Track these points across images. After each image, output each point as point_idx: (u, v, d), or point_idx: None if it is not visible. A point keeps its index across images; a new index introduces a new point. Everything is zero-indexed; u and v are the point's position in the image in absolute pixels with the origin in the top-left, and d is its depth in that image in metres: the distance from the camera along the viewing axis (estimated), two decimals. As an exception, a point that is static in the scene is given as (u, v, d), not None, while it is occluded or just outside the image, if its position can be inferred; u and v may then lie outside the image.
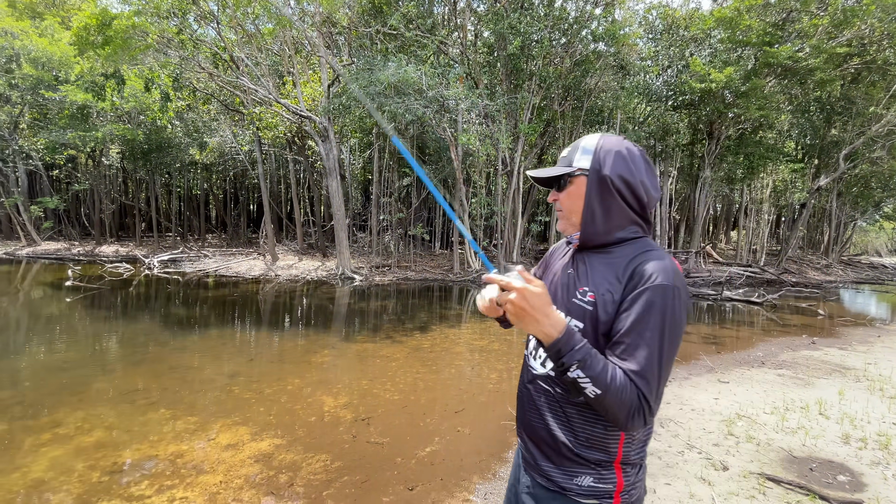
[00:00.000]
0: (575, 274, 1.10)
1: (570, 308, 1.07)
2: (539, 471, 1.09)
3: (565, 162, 1.11)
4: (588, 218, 1.07)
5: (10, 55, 17.46)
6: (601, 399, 0.90)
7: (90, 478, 2.91)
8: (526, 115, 13.82)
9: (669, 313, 0.94)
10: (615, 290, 1.00)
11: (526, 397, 1.14)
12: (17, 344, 6.17)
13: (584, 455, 1.03)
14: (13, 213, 19.79)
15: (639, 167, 1.05)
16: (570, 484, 1.04)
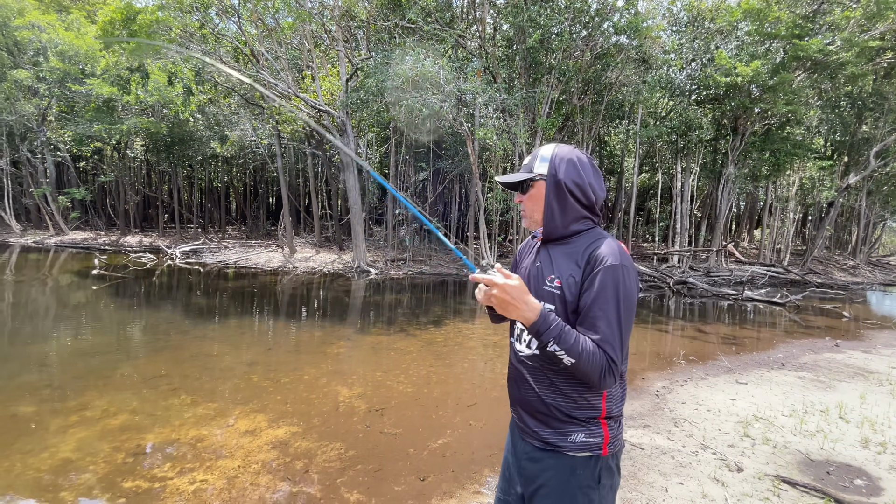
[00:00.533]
0: (541, 265, 1.29)
1: (541, 294, 1.24)
2: (536, 436, 1.26)
3: (527, 169, 1.31)
4: (548, 215, 1.27)
5: (38, 48, 17.97)
6: (576, 365, 1.09)
7: (115, 459, 3.03)
8: (544, 109, 13.68)
9: (622, 287, 1.14)
10: (576, 273, 1.20)
11: (517, 375, 1.32)
12: (46, 329, 6.42)
13: (574, 415, 1.21)
14: (42, 203, 20.47)
15: (587, 172, 1.26)
16: (565, 442, 1.21)
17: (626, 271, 1.15)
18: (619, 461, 1.26)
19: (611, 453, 1.22)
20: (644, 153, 20.76)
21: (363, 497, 2.70)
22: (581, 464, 1.20)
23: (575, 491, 1.19)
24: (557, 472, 1.21)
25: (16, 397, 3.95)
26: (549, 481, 1.21)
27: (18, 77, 17.34)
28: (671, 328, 7.96)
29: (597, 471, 1.20)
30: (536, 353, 1.24)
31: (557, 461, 1.21)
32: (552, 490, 1.21)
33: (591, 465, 1.20)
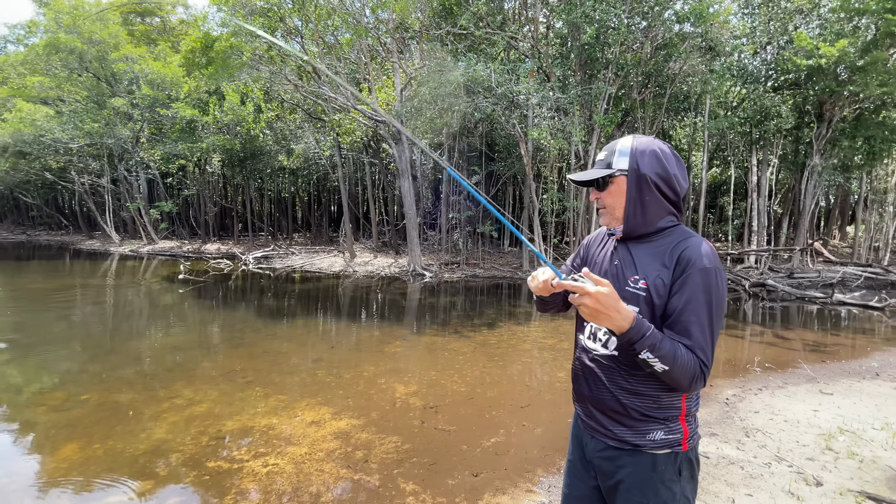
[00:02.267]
0: (622, 264, 1.24)
1: (623, 296, 1.17)
2: (610, 434, 1.23)
3: (603, 164, 1.25)
4: (631, 212, 1.22)
5: (131, 78, 20.26)
6: (668, 372, 1.07)
7: (200, 441, 3.38)
8: (601, 105, 13.26)
9: (715, 291, 1.11)
10: (664, 275, 1.15)
11: (588, 374, 1.28)
12: (141, 327, 7.24)
13: (653, 415, 1.18)
14: (136, 216, 22.97)
15: (671, 163, 1.20)
16: (644, 440, 1.19)
17: (719, 274, 1.12)
18: (697, 453, 1.25)
19: (691, 447, 1.20)
20: (714, 146, 19.46)
21: (418, 488, 2.81)
22: (662, 460, 1.18)
23: (657, 485, 1.18)
24: (637, 468, 1.19)
25: (117, 387, 4.51)
26: (629, 477, 1.20)
27: (116, 104, 19.66)
28: (746, 333, 7.40)
29: (677, 465, 1.19)
30: (614, 353, 1.21)
31: (636, 458, 1.20)
32: (633, 485, 1.20)
33: (671, 460, 1.19)
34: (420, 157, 18.23)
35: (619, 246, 1.28)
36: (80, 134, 20.42)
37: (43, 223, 35.62)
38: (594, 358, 1.27)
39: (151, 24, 26.31)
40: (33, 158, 23.72)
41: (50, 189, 29.65)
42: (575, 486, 1.37)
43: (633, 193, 1.20)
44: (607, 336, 1.23)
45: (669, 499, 1.18)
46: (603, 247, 1.35)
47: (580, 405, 1.34)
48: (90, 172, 23.58)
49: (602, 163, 1.25)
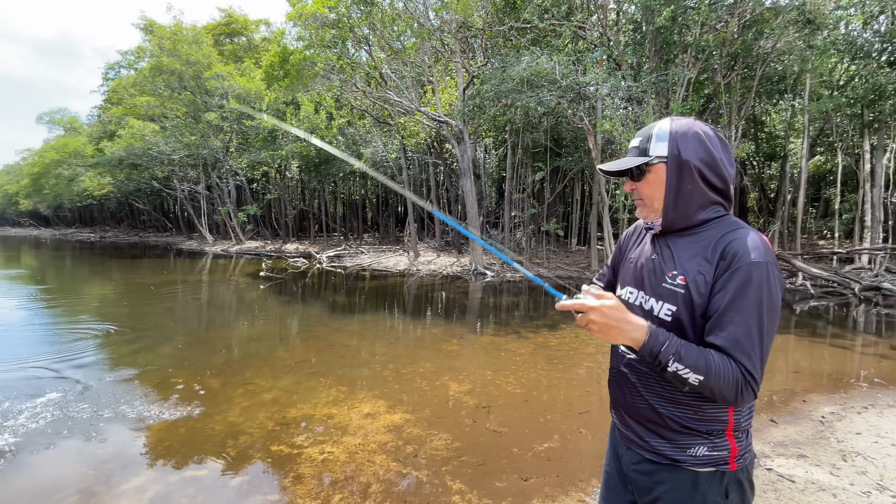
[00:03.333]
0: (660, 259, 1.13)
1: (660, 293, 1.09)
2: (647, 447, 1.13)
3: (638, 151, 1.12)
4: (671, 203, 1.09)
5: (222, 93, 22.36)
6: (705, 383, 0.95)
7: (267, 426, 3.63)
8: (680, 92, 12.29)
9: (766, 289, 0.97)
10: (706, 271, 1.03)
11: (622, 381, 1.19)
12: (227, 320, 7.95)
13: (694, 427, 1.06)
14: (226, 219, 25.34)
15: (716, 147, 1.07)
16: (684, 455, 1.07)
17: (771, 270, 0.98)
18: (751, 475, 1.10)
19: (740, 467, 1.07)
20: (816, 131, 17.28)
21: (465, 487, 2.79)
22: (705, 479, 1.06)
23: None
24: (675, 486, 1.08)
25: (202, 372, 4.98)
26: (667, 495, 1.09)
27: (209, 118, 21.82)
28: (854, 344, 6.47)
29: (724, 486, 1.06)
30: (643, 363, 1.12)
31: (675, 475, 1.08)
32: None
33: (716, 479, 1.06)
34: (484, 155, 18.17)
35: (657, 240, 1.16)
36: (181, 146, 22.99)
37: (152, 226, 40.61)
38: (629, 363, 1.16)
39: (238, 42, 28.85)
40: (143, 169, 27.10)
41: (157, 196, 33.70)
42: (611, 499, 1.27)
43: (673, 182, 1.08)
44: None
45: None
46: (639, 242, 1.24)
47: (616, 413, 1.25)
48: (189, 180, 26.46)
49: (637, 149, 1.13)
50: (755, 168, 19.97)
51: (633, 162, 1.11)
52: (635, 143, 1.13)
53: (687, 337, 1.04)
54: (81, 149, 33.37)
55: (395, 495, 2.70)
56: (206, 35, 23.52)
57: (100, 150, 27.75)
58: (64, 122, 43.19)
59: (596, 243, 14.40)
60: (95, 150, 29.64)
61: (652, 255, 1.15)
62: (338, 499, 2.67)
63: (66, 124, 42.94)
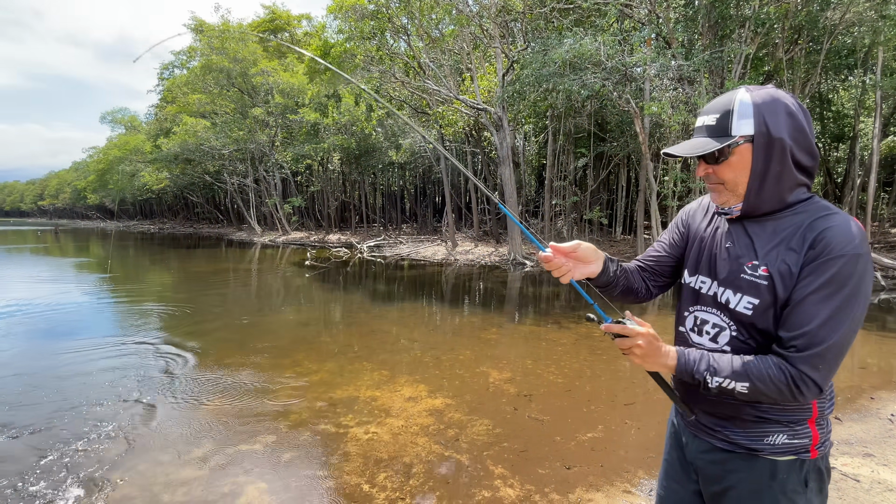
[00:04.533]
0: (736, 247, 1.05)
1: (739, 285, 1.02)
2: (717, 436, 1.08)
3: (717, 130, 1.00)
4: (756, 186, 0.99)
5: (267, 89, 23.13)
6: (754, 389, 0.93)
7: (314, 406, 3.79)
8: (736, 70, 11.54)
9: (857, 282, 0.89)
10: (792, 261, 0.95)
11: None
12: (275, 306, 8.32)
13: (773, 417, 1.01)
14: (273, 210, 26.38)
15: (804, 119, 0.97)
16: (761, 444, 1.02)
17: (866, 263, 0.90)
18: (828, 462, 1.05)
19: (821, 455, 1.02)
20: (890, 109, 15.78)
21: (507, 472, 2.80)
22: (783, 467, 1.01)
23: (777, 496, 1.01)
24: (751, 474, 1.03)
25: (254, 354, 5.25)
26: (741, 484, 1.04)
27: (256, 114, 22.67)
28: (929, 339, 5.93)
29: (803, 474, 1.01)
30: (725, 349, 1.04)
31: (750, 463, 1.03)
32: (746, 494, 1.04)
33: (795, 468, 1.01)
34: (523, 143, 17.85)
35: (732, 226, 1.07)
36: (230, 141, 24.06)
37: (205, 218, 42.92)
38: None
39: (282, 39, 29.67)
40: (196, 164, 28.61)
41: (209, 189, 35.54)
42: (671, 488, 1.23)
43: (761, 165, 0.97)
44: (717, 330, 1.06)
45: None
46: (710, 223, 1.14)
47: (681, 403, 1.18)
48: (238, 174, 27.68)
49: (714, 128, 1.00)
50: (821, 150, 18.51)
51: (714, 144, 0.98)
52: (709, 120, 1.01)
53: (770, 333, 0.98)
54: (141, 146, 35.63)
55: (438, 476, 2.76)
56: (251, 32, 24.34)
57: (157, 146, 29.54)
58: (125, 121, 46.20)
59: (643, 232, 13.88)
60: (153, 147, 31.58)
61: (726, 242, 1.07)
62: (382, 477, 2.76)
63: (126, 123, 45.92)
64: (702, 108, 1.04)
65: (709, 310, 1.08)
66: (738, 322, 1.02)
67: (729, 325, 1.04)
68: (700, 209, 1.20)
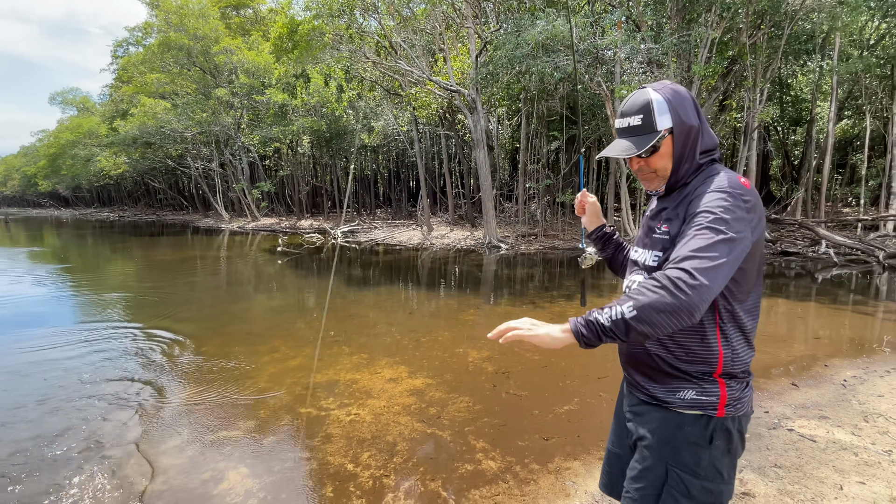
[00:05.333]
0: (654, 217, 1.25)
1: (651, 244, 1.21)
2: (642, 390, 1.21)
3: (644, 129, 1.15)
4: (677, 167, 1.17)
5: (231, 69, 22.14)
6: (639, 305, 0.94)
7: (294, 390, 3.77)
8: (702, 53, 11.79)
9: (724, 211, 1.00)
10: (682, 213, 1.12)
11: None
12: (248, 293, 8.14)
13: (684, 369, 1.12)
14: (241, 196, 25.55)
15: (693, 98, 1.19)
16: (673, 398, 1.14)
17: (735, 197, 1.01)
18: (742, 427, 1.13)
19: (729, 416, 1.10)
20: (845, 94, 16.55)
21: (488, 446, 2.88)
22: (690, 421, 1.11)
23: (680, 445, 1.11)
24: (661, 424, 1.15)
25: (229, 342, 5.14)
26: (654, 433, 1.15)
27: (220, 94, 21.71)
28: (876, 311, 6.37)
29: (709, 430, 1.10)
30: None
31: (663, 414, 1.15)
32: (655, 442, 1.14)
33: (701, 423, 1.11)
34: (497, 126, 17.82)
35: (657, 202, 1.27)
36: (192, 123, 23.00)
37: (168, 204, 41.22)
38: None
39: (245, 15, 28.36)
40: (157, 147, 27.30)
41: (171, 174, 34.06)
42: (615, 442, 1.37)
43: (679, 149, 1.15)
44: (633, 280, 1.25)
45: (693, 463, 1.10)
46: (649, 206, 1.35)
47: (623, 365, 1.32)
48: (202, 158, 26.60)
49: (641, 128, 1.16)
50: (779, 134, 19.28)
51: (648, 140, 1.14)
52: (634, 121, 1.17)
53: None
54: (95, 129, 33.64)
55: (421, 453, 2.80)
56: (212, 8, 23.13)
57: (114, 129, 27.96)
58: (76, 102, 43.45)
59: (613, 214, 14.21)
60: (109, 130, 29.90)
61: (651, 215, 1.27)
62: (366, 456, 2.78)
63: (78, 104, 43.21)
64: (620, 111, 1.19)
65: (636, 272, 1.26)
66: (649, 273, 1.17)
67: None
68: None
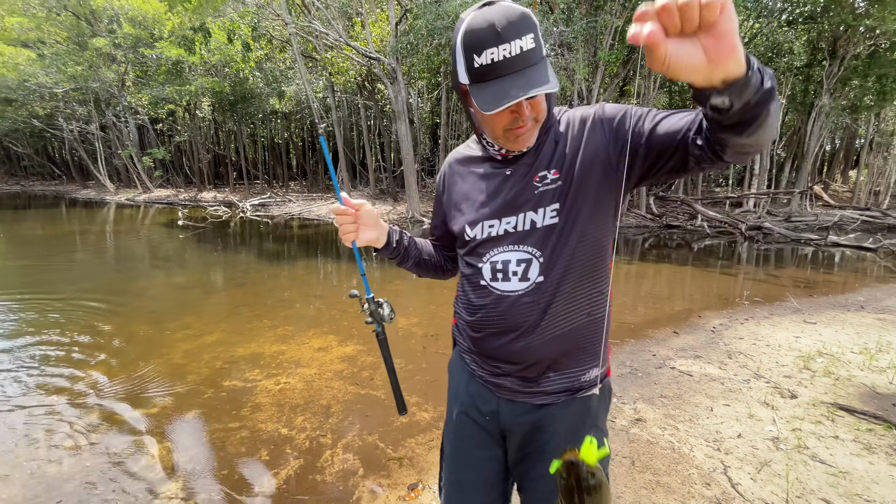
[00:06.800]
0: (517, 173, 0.96)
1: (535, 201, 0.94)
2: (538, 391, 0.99)
3: (537, 55, 0.81)
4: (549, 108, 0.93)
5: (111, 16, 19.14)
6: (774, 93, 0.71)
7: (214, 365, 3.58)
8: (607, 40, 12.68)
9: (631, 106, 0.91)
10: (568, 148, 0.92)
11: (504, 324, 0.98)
12: (147, 269, 7.37)
13: (587, 341, 0.98)
14: (129, 164, 22.57)
15: None
16: (578, 383, 0.99)
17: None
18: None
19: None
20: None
21: (421, 400, 3.03)
22: (594, 401, 1.00)
23: (591, 430, 1.00)
24: (569, 417, 0.99)
25: (129, 320, 4.68)
26: (560, 429, 0.99)
27: (98, 45, 18.71)
28: (738, 272, 7.59)
29: (607, 398, 1.05)
30: (540, 279, 0.94)
31: (569, 409, 0.99)
32: (563, 439, 0.98)
33: (604, 396, 1.03)
34: (416, 99, 17.64)
35: (508, 162, 0.98)
36: (64, 78, 19.61)
37: (35, 173, 35.08)
38: (515, 302, 0.96)
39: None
40: (19, 105, 22.95)
41: (39, 138, 28.95)
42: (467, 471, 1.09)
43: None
44: (524, 264, 0.95)
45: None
46: (474, 171, 1.04)
47: (489, 365, 1.04)
48: (78, 119, 22.89)
49: (535, 53, 0.80)
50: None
51: (549, 71, 0.81)
52: (526, 43, 0.79)
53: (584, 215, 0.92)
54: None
55: (356, 410, 2.87)
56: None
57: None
58: None
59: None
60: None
61: (507, 175, 0.97)
62: (300, 420, 2.78)
63: None
64: (495, 31, 0.78)
65: (507, 248, 0.96)
66: (546, 238, 0.93)
67: (534, 254, 0.94)
68: (457, 164, 1.09)
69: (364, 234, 1.07)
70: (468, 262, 1.05)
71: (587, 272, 0.95)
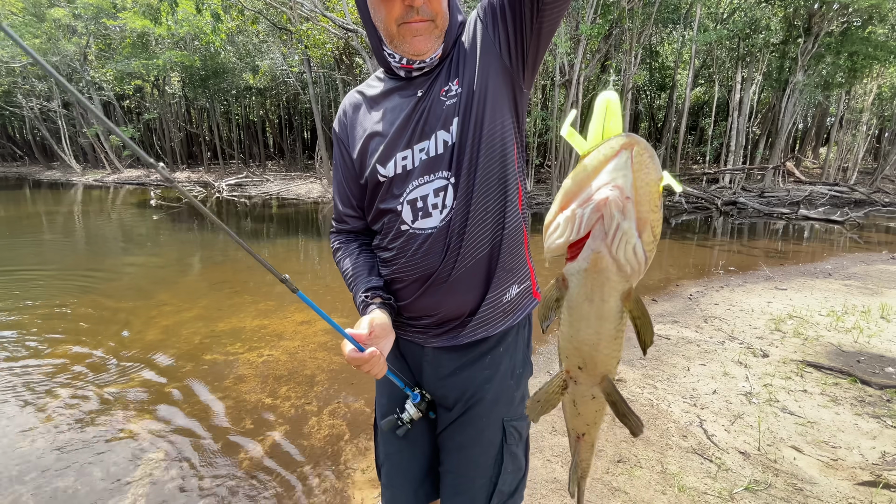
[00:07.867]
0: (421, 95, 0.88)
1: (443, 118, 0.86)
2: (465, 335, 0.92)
3: None
4: (447, 11, 0.85)
5: (72, -16, 17.97)
6: None
7: (194, 340, 3.52)
8: (589, 14, 12.55)
9: None
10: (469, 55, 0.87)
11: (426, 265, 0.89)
12: (121, 248, 7.14)
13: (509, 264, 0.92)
14: (96, 143, 21.59)
15: None
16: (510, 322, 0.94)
17: None
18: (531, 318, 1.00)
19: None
20: (700, 63, 18.95)
21: (406, 369, 3.04)
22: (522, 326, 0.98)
23: (511, 388, 0.96)
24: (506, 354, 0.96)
25: (104, 298, 4.54)
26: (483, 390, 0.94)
27: (56, 16, 17.61)
28: (714, 245, 7.78)
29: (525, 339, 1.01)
30: (453, 207, 0.86)
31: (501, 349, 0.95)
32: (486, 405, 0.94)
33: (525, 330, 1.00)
34: (397, 74, 17.17)
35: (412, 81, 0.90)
36: (21, 51, 18.41)
37: (-6, 153, 33.26)
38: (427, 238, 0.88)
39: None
40: (-30, 79, 21.56)
41: (-5, 115, 27.34)
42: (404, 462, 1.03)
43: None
44: (441, 194, 0.86)
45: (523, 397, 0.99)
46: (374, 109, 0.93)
47: (414, 321, 0.96)
48: (38, 95, 21.66)
49: None
50: (647, 97, 21.62)
51: None
52: None
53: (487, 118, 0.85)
54: None
55: (342, 379, 2.87)
56: None
57: None
58: None
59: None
60: None
61: (416, 102, 0.88)
62: (285, 390, 2.76)
63: None
64: None
65: (421, 179, 0.87)
66: (458, 157, 0.85)
67: (448, 178, 0.86)
68: (354, 110, 0.97)
69: (385, 353, 0.86)
70: (382, 210, 0.93)
71: (496, 181, 0.88)
